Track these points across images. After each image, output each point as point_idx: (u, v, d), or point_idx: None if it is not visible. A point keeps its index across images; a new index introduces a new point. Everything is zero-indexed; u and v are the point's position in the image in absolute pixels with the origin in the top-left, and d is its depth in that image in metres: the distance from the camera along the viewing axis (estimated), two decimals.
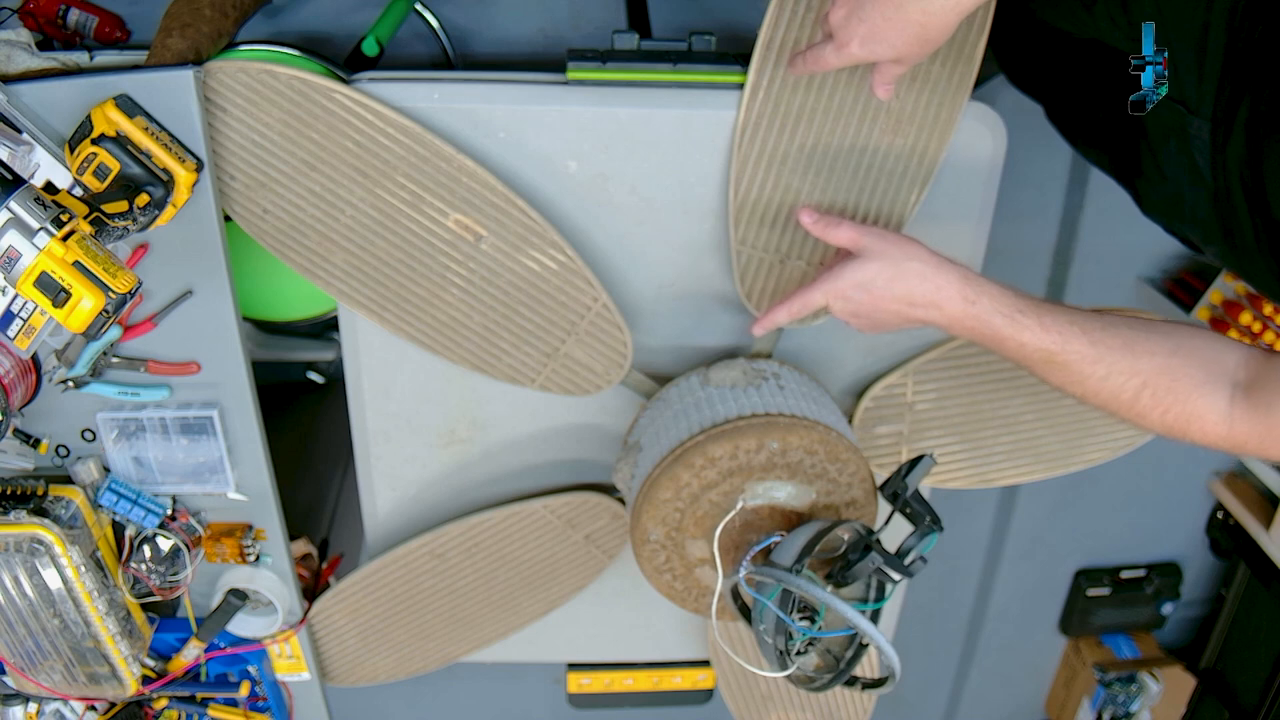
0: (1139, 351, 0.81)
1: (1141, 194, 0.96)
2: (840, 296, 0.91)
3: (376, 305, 1.00)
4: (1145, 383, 0.81)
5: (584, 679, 1.57)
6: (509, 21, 1.44)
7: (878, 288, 0.88)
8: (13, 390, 0.94)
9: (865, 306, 0.90)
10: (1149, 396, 0.81)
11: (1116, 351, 0.81)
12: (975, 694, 2.28)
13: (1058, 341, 0.82)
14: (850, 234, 0.91)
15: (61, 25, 1.17)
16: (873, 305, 0.89)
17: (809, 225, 0.95)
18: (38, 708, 1.19)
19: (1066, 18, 0.91)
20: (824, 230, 0.93)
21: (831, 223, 0.93)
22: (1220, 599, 2.15)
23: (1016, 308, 0.83)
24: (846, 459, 0.96)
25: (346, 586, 1.20)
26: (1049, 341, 0.82)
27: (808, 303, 0.93)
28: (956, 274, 0.86)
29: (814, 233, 0.94)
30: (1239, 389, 0.80)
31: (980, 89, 0.95)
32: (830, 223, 0.93)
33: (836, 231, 0.92)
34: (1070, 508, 1.99)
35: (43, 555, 0.98)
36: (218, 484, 1.06)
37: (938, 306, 0.86)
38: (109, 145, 0.80)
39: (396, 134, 0.91)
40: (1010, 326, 0.83)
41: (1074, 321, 0.82)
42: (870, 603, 0.91)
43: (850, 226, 0.91)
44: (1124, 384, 0.81)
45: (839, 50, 0.81)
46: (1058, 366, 0.83)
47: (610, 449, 1.15)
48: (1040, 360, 0.84)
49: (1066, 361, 0.82)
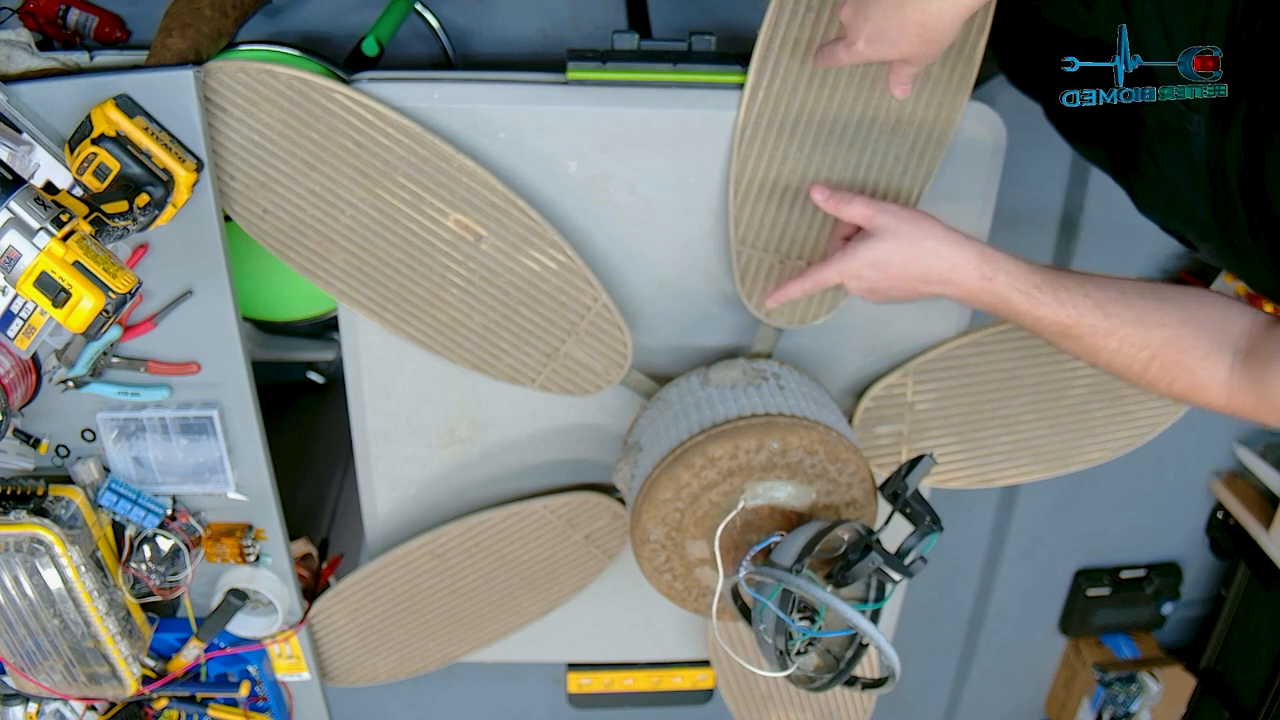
0: (1150, 323, 0.83)
1: (1138, 191, 0.97)
2: (855, 275, 0.91)
3: (376, 305, 1.00)
4: (1154, 354, 0.83)
5: (584, 679, 1.57)
6: (509, 21, 1.44)
7: (894, 266, 0.88)
8: (13, 390, 0.94)
9: (880, 283, 0.90)
10: (1157, 367, 0.83)
11: (1129, 325, 0.83)
12: (975, 694, 2.28)
13: (1072, 315, 0.83)
14: (863, 209, 0.90)
15: (61, 25, 1.17)
16: (889, 283, 0.89)
17: (821, 201, 0.94)
18: (38, 708, 1.19)
19: (1067, 16, 0.91)
20: (836, 206, 0.93)
21: (844, 198, 0.92)
22: (1220, 599, 2.15)
23: (1032, 283, 0.84)
24: (846, 459, 0.96)
25: (346, 586, 1.20)
26: (1064, 315, 0.84)
27: (821, 280, 0.93)
28: (973, 250, 0.86)
29: (826, 208, 0.94)
30: (1239, 356, 0.81)
31: (980, 89, 0.95)
32: (843, 198, 0.92)
33: (849, 207, 0.92)
34: (1070, 508, 1.99)
35: (43, 555, 0.98)
36: (218, 484, 1.06)
37: (954, 283, 0.87)
38: (109, 145, 0.80)
39: (396, 134, 0.91)
40: (1027, 302, 0.84)
41: (1088, 294, 0.84)
42: (870, 603, 0.91)
43: (863, 202, 0.91)
44: (1134, 355, 0.83)
45: (848, 48, 0.81)
46: (1072, 339, 0.85)
47: (610, 449, 1.15)
48: (1055, 332, 0.85)
49: (1080, 334, 0.84)
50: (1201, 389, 0.83)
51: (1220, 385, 0.82)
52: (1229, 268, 0.92)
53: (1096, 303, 0.83)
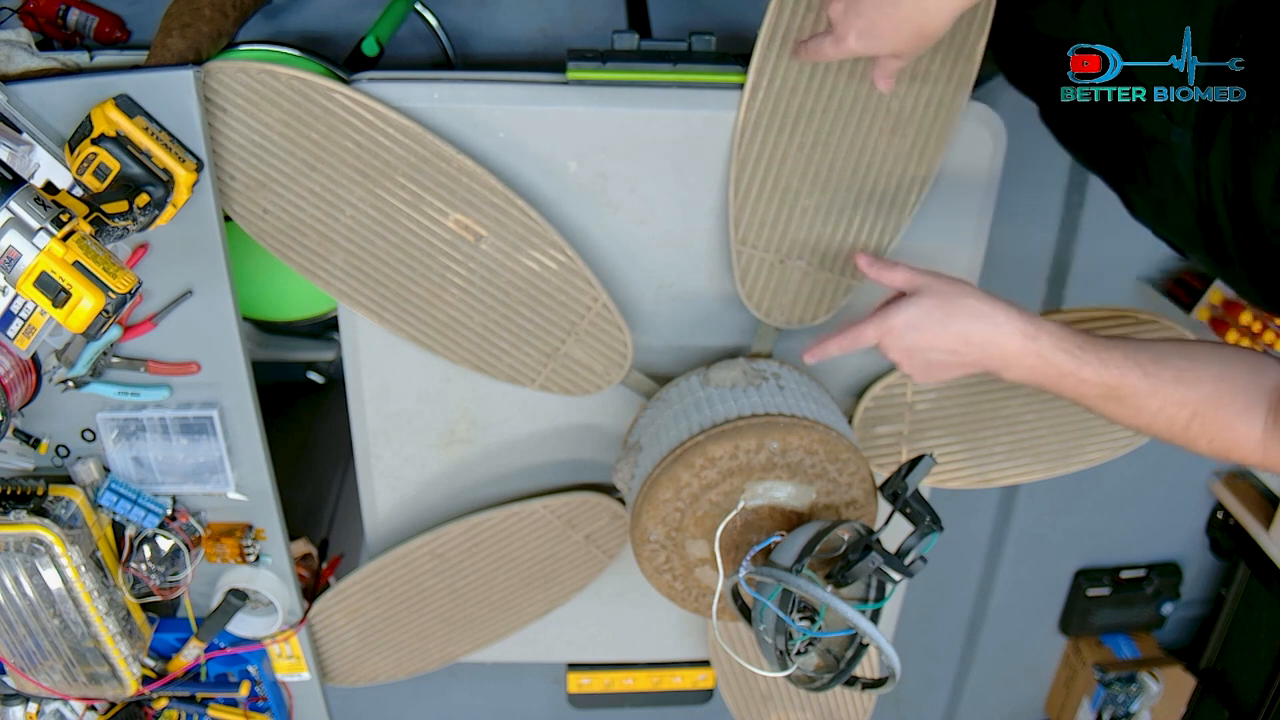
0: (1188, 381, 0.81)
1: (1130, 198, 0.97)
2: (892, 333, 0.88)
3: (376, 305, 1.00)
4: (1195, 412, 0.81)
5: (584, 679, 1.57)
6: (509, 21, 1.44)
7: (932, 324, 0.86)
8: (13, 390, 0.94)
9: (919, 345, 0.88)
10: (1198, 425, 0.82)
11: (1170, 385, 0.81)
12: (975, 694, 2.28)
13: (1116, 376, 0.82)
14: (905, 275, 0.89)
15: (61, 25, 1.17)
16: (928, 343, 0.87)
17: (865, 268, 0.94)
18: (38, 708, 1.19)
19: (1054, 20, 0.91)
20: (879, 273, 0.92)
21: (886, 266, 0.92)
22: (1220, 599, 2.15)
23: (1075, 344, 0.83)
24: (846, 459, 0.96)
25: (346, 586, 1.20)
26: (1109, 377, 0.82)
27: (859, 338, 0.91)
28: (1015, 310, 0.84)
29: (870, 275, 0.93)
30: (1273, 412, 0.80)
31: (980, 89, 0.95)
32: (886, 266, 0.92)
33: (892, 274, 0.91)
34: (1070, 508, 1.99)
35: (43, 555, 0.99)
36: (218, 484, 1.06)
37: (997, 344, 0.84)
38: (109, 145, 0.80)
39: (396, 134, 0.91)
40: (1072, 362, 0.82)
41: (1128, 355, 0.82)
42: (870, 603, 0.91)
43: (905, 268, 0.90)
44: (1176, 415, 0.82)
45: (837, 43, 0.81)
46: (1116, 401, 0.83)
47: (610, 449, 1.16)
48: (1099, 395, 0.83)
49: (1124, 396, 0.82)
50: (1239, 445, 0.81)
51: (1256, 441, 0.80)
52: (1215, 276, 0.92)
53: (1137, 363, 0.82)
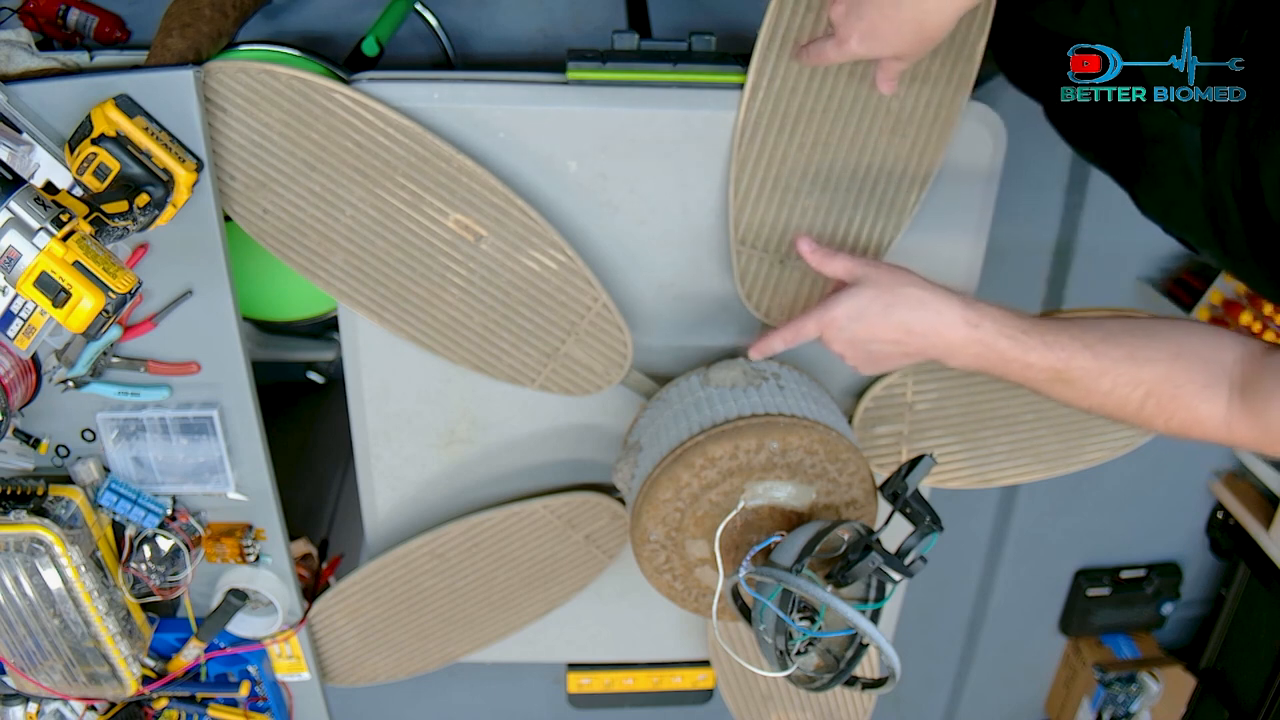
0: (1141, 360, 0.80)
1: (1138, 195, 0.97)
2: (833, 325, 0.89)
3: (376, 305, 1.00)
4: (1149, 392, 0.81)
5: (584, 679, 1.57)
6: (509, 21, 1.44)
7: (873, 314, 0.86)
8: (13, 390, 0.94)
9: (861, 336, 0.88)
10: (1153, 405, 0.81)
11: (1121, 363, 0.81)
12: (975, 694, 2.29)
13: (1063, 359, 0.81)
14: (846, 264, 0.90)
15: (61, 25, 1.17)
16: (869, 334, 0.88)
17: (806, 255, 0.94)
18: (38, 708, 1.19)
19: (1056, 20, 0.91)
20: (820, 262, 0.93)
21: (827, 255, 0.92)
22: (1220, 599, 2.15)
23: (1019, 328, 0.82)
24: (846, 459, 0.96)
25: (346, 586, 1.20)
26: (1055, 359, 0.81)
27: (800, 331, 0.92)
28: (956, 298, 0.84)
29: (811, 263, 0.94)
30: (1235, 389, 0.80)
31: (980, 89, 0.95)
32: (826, 254, 0.92)
33: (832, 263, 0.91)
34: (1070, 508, 1.99)
35: (43, 555, 0.98)
36: (218, 484, 1.06)
37: (939, 333, 0.84)
38: (109, 145, 0.80)
39: (396, 134, 0.91)
40: (1016, 348, 0.82)
41: (1075, 336, 0.82)
42: (870, 603, 0.91)
43: (845, 258, 0.90)
44: (1129, 395, 0.81)
45: (839, 46, 0.81)
46: (1064, 384, 0.82)
47: (610, 449, 1.15)
48: (1047, 379, 0.83)
49: (1073, 378, 0.82)
50: (1200, 423, 0.81)
51: (1219, 419, 0.80)
52: (1227, 271, 0.92)
53: (1085, 344, 0.81)
